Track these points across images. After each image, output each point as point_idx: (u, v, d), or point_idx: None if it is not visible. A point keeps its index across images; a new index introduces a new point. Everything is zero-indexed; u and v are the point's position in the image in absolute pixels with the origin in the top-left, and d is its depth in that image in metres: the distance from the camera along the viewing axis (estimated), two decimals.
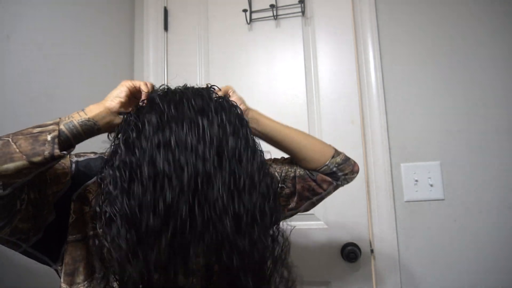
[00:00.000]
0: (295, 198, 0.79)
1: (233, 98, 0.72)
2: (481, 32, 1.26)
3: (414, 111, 1.28)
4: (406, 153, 1.27)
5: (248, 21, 1.45)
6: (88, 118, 0.62)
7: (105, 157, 0.71)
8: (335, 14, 1.38)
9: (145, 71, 1.51)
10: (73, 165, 0.69)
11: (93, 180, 0.71)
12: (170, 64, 1.51)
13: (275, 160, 0.84)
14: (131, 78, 1.50)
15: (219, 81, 0.84)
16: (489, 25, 1.26)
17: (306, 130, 1.33)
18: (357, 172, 0.82)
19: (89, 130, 0.63)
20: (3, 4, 0.92)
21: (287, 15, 1.42)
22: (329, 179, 0.78)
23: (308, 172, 0.79)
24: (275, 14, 1.42)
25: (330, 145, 0.81)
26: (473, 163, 1.21)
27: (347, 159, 0.80)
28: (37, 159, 0.55)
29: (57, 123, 0.60)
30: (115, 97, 0.65)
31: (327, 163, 0.78)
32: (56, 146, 0.57)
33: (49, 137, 0.57)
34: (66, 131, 0.60)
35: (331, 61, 1.36)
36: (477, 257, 1.17)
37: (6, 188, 0.54)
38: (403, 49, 1.32)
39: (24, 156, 0.55)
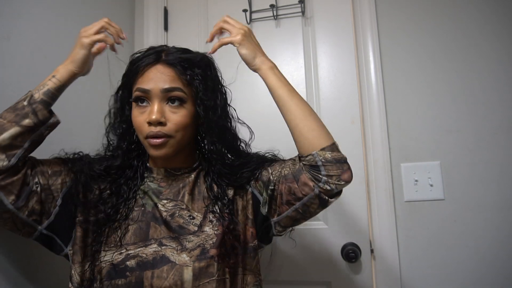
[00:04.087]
0: (278, 200, 0.76)
1: (232, 34, 0.81)
2: (481, 32, 1.26)
3: (414, 111, 1.28)
4: (406, 153, 1.27)
5: (248, 21, 1.45)
6: (63, 84, 0.73)
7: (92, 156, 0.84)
8: (335, 14, 1.38)
9: None
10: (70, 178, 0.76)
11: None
12: None
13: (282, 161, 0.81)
14: None
15: None
16: (489, 25, 1.26)
17: None
18: (346, 181, 0.72)
19: (61, 90, 0.74)
20: (3, 4, 0.92)
21: (287, 15, 1.42)
22: (310, 183, 0.71)
23: (292, 172, 0.74)
24: (275, 14, 1.42)
25: (330, 138, 0.74)
26: (473, 163, 1.21)
27: (340, 161, 0.71)
28: (25, 122, 0.67)
29: (29, 91, 0.71)
30: (81, 62, 0.74)
31: (313, 152, 0.71)
32: (34, 105, 0.68)
33: (25, 102, 0.69)
34: (45, 98, 0.70)
35: (331, 61, 1.36)
36: (477, 257, 1.17)
37: (10, 158, 0.65)
38: (403, 49, 1.32)
39: (14, 123, 0.66)
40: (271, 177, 0.77)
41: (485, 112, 1.22)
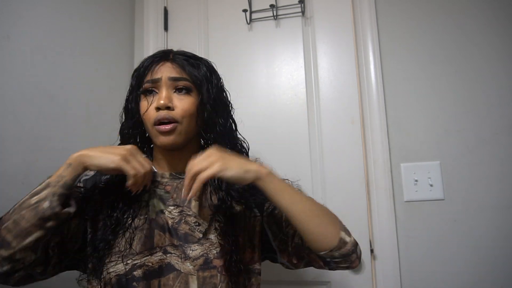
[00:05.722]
0: (293, 257, 0.79)
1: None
2: (481, 32, 1.26)
3: (414, 111, 1.28)
4: (406, 153, 1.26)
5: (248, 21, 1.45)
6: (78, 174, 0.67)
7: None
8: (335, 14, 1.38)
9: None
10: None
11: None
12: None
13: None
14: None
15: None
16: (490, 24, 1.25)
17: (306, 130, 1.33)
18: (355, 268, 0.78)
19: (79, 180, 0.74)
20: (3, 4, 0.92)
21: (287, 15, 1.42)
22: (321, 263, 0.75)
23: (304, 245, 0.75)
24: (275, 14, 1.42)
25: (336, 233, 0.72)
26: (473, 163, 1.21)
27: (347, 255, 0.72)
28: (49, 224, 0.63)
29: (48, 185, 0.65)
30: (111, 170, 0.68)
31: (322, 253, 0.71)
32: (57, 209, 0.63)
33: (46, 203, 0.63)
34: (64, 191, 0.65)
35: (331, 61, 1.36)
36: (477, 257, 1.17)
37: (36, 251, 0.64)
38: (403, 48, 1.32)
39: (37, 227, 0.62)
40: (283, 227, 0.78)
41: (485, 112, 1.22)
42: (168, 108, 0.73)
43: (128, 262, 0.70)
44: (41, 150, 0.72)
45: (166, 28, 1.54)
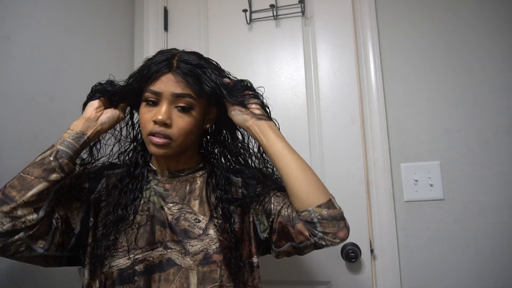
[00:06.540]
0: (275, 237, 0.76)
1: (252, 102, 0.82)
2: (481, 32, 1.26)
3: (414, 111, 1.28)
4: (406, 153, 1.27)
5: (248, 21, 1.45)
6: (77, 131, 0.73)
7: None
8: (335, 14, 1.38)
9: None
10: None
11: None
12: None
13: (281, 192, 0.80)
14: None
15: None
16: (489, 25, 1.26)
17: (306, 130, 1.33)
18: (342, 239, 0.71)
19: (80, 140, 0.73)
20: (3, 4, 0.92)
21: (287, 15, 1.42)
22: (306, 233, 0.71)
23: (291, 216, 0.74)
24: (275, 14, 1.42)
25: (327, 193, 0.73)
26: (473, 163, 1.21)
27: (336, 219, 0.70)
28: (53, 177, 0.67)
29: (53, 146, 0.71)
30: (91, 108, 0.77)
31: (309, 208, 0.70)
32: (61, 160, 0.68)
33: (51, 157, 0.68)
34: (65, 149, 0.70)
35: (331, 61, 1.36)
36: (477, 257, 1.17)
37: (38, 211, 0.66)
38: (403, 49, 1.32)
39: (41, 179, 0.66)
40: (272, 209, 0.77)
41: (485, 112, 1.22)
42: (166, 124, 0.73)
43: (130, 256, 0.71)
44: (41, 150, 0.72)
45: (166, 28, 1.54)
